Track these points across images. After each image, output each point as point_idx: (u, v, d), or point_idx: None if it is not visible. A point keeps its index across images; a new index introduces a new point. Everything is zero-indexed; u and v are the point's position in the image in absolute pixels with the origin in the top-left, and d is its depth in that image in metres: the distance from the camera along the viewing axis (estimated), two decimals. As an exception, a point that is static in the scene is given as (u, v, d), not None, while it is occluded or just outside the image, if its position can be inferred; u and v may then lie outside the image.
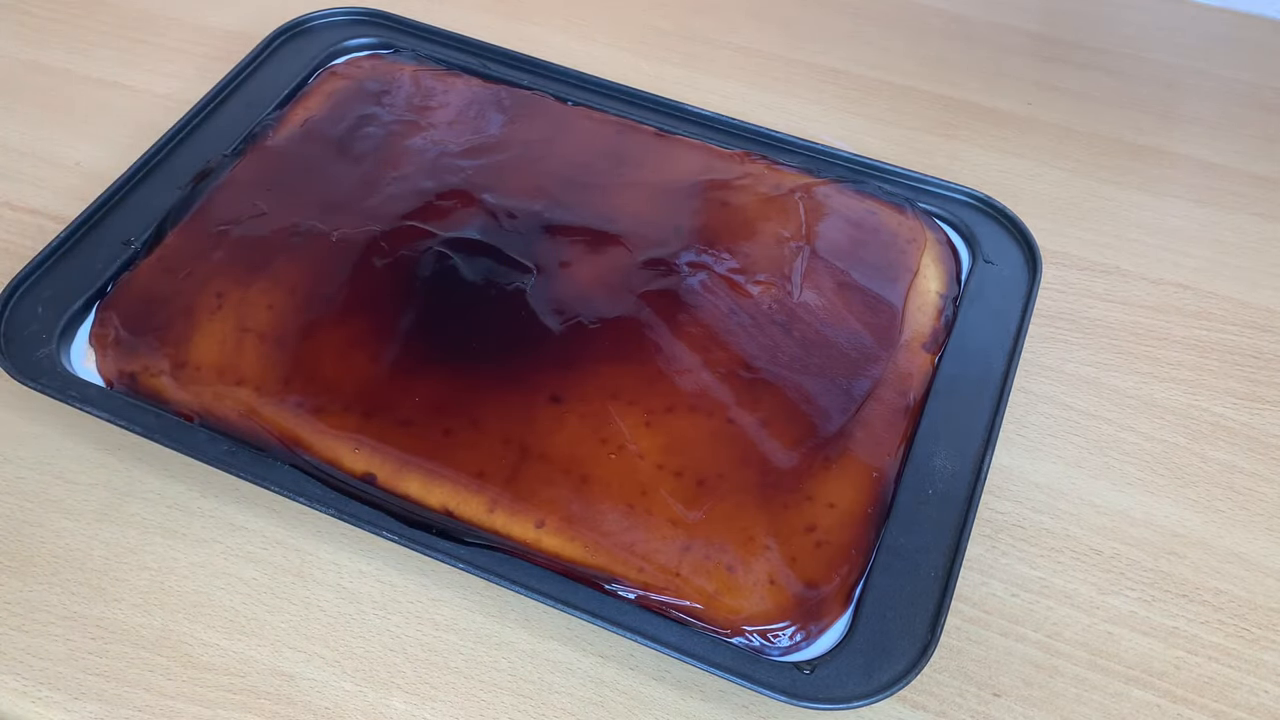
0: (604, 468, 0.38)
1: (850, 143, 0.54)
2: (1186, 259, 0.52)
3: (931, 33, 0.63)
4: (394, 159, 0.48)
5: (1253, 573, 0.41)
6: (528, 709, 0.36)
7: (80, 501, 0.40)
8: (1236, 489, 0.43)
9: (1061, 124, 0.58)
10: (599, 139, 0.50)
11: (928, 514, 0.38)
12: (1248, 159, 0.57)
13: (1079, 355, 0.48)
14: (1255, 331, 0.49)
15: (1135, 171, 0.56)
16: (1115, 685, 0.38)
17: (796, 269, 0.45)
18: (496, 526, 0.37)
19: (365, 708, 0.36)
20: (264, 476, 0.38)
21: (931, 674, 0.38)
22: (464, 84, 0.52)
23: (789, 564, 0.37)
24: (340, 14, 0.55)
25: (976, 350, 0.43)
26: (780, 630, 0.36)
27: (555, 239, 0.45)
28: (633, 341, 0.42)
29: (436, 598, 0.39)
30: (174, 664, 0.37)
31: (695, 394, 0.40)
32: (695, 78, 0.59)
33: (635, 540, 0.37)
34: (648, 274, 0.44)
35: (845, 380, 0.42)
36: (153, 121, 0.53)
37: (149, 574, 0.39)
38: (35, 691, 0.36)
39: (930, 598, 0.36)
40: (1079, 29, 0.64)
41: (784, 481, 0.38)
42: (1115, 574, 0.41)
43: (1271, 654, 0.39)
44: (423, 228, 0.45)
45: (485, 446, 0.39)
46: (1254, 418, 0.46)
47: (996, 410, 0.41)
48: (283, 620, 0.38)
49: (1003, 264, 0.46)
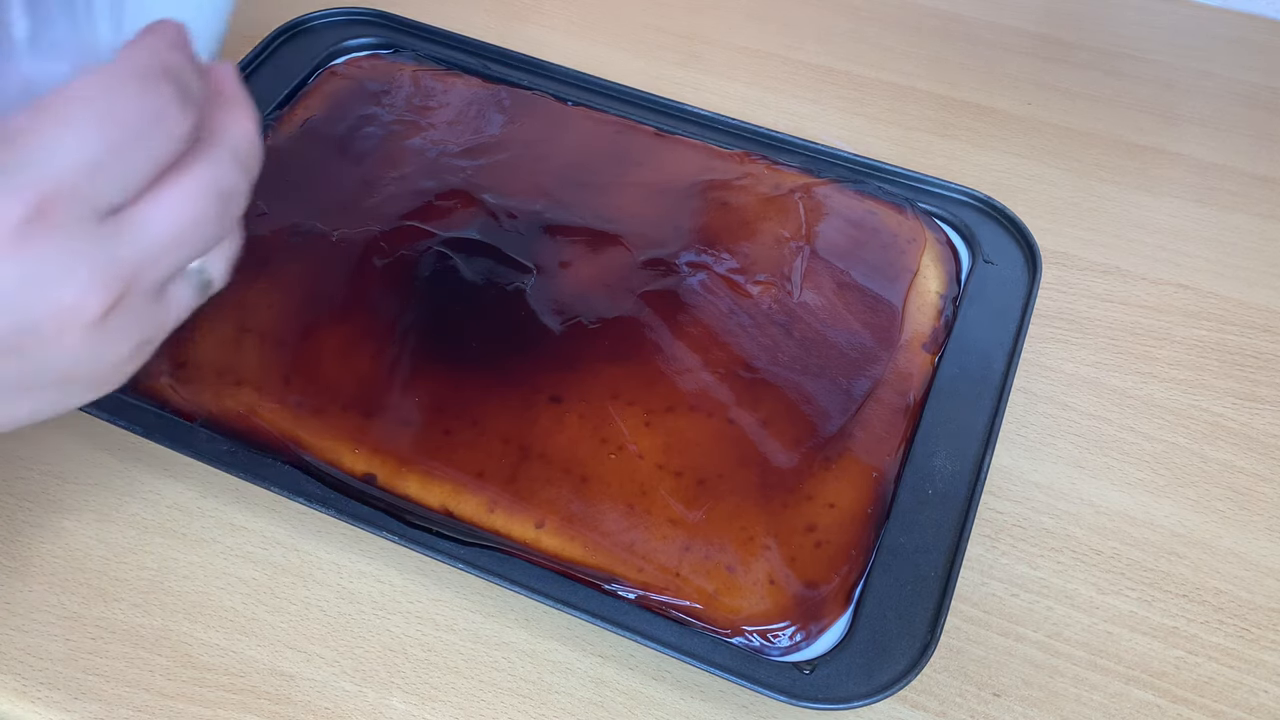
0: (604, 468, 0.38)
1: (850, 143, 0.54)
2: (1186, 259, 0.52)
3: (931, 33, 0.63)
4: (394, 159, 0.48)
5: (1253, 573, 0.41)
6: (528, 709, 0.36)
7: (80, 501, 0.40)
8: (1236, 489, 0.43)
9: (1061, 124, 0.58)
10: (599, 139, 0.50)
11: (928, 514, 0.38)
12: (1248, 159, 0.57)
13: (1079, 355, 0.48)
14: (1255, 331, 0.49)
15: (1135, 171, 0.56)
16: (1115, 685, 0.38)
17: (796, 269, 0.45)
18: (496, 526, 0.37)
19: (365, 708, 0.36)
20: (264, 476, 0.38)
21: (931, 674, 0.38)
22: (464, 84, 0.52)
23: (789, 564, 0.37)
24: (340, 14, 0.55)
25: (976, 350, 0.43)
26: (780, 630, 0.36)
27: (555, 239, 0.45)
28: (633, 341, 0.42)
29: (436, 598, 0.39)
30: (174, 664, 0.37)
31: (695, 394, 0.40)
32: (695, 78, 0.59)
33: (635, 540, 0.37)
34: (648, 274, 0.44)
35: (845, 380, 0.42)
36: (153, 121, 0.53)
37: (149, 574, 0.39)
38: (35, 691, 0.36)
39: (930, 598, 0.36)
40: (1079, 29, 0.64)
41: (784, 481, 0.38)
42: (1115, 574, 0.41)
43: (1271, 654, 0.39)
44: (423, 228, 0.45)
45: (485, 446, 0.39)
46: (1254, 418, 0.46)
47: (996, 410, 0.41)
48: (283, 620, 0.38)
49: (1003, 264, 0.46)
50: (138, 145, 0.25)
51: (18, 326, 0.25)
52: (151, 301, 0.27)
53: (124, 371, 0.28)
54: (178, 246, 0.27)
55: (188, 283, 0.29)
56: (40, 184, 0.24)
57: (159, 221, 0.26)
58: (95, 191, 0.25)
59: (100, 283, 0.25)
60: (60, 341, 0.25)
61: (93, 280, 0.25)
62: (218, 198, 0.27)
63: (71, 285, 0.25)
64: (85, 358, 0.26)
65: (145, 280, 0.26)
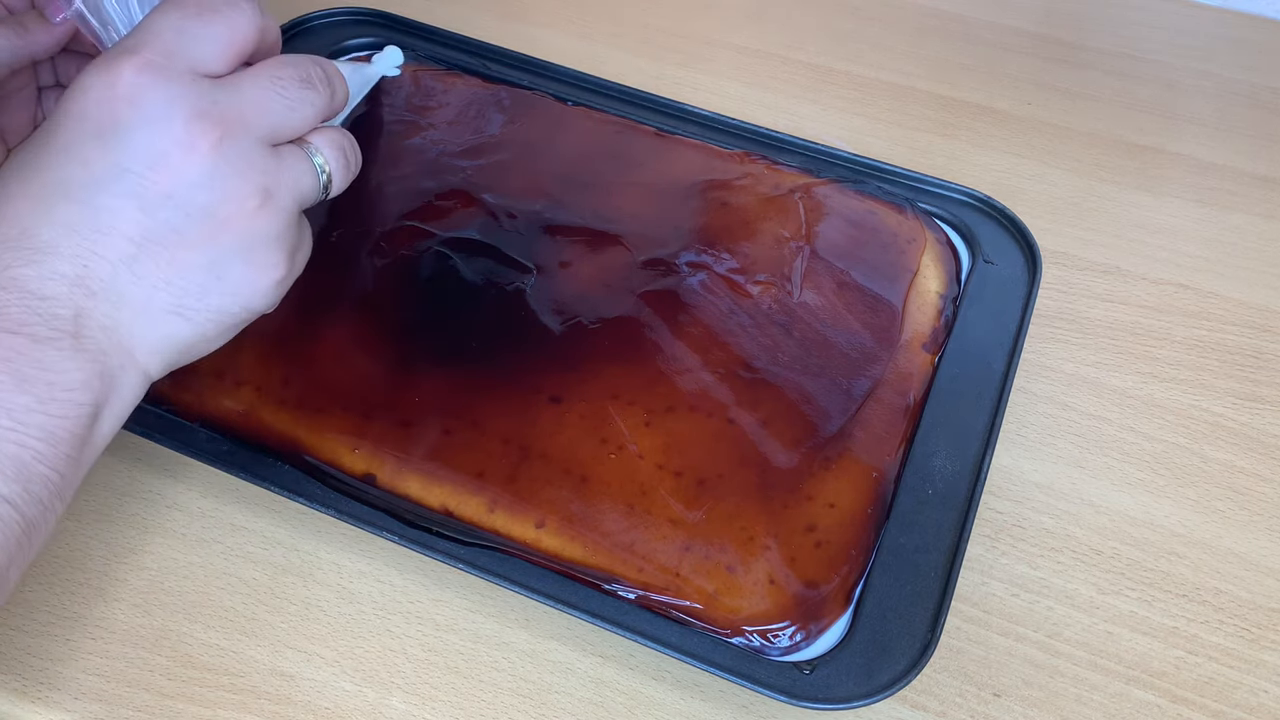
0: (604, 468, 0.38)
1: (850, 143, 0.54)
2: (1186, 259, 0.52)
3: (931, 33, 0.63)
4: (394, 159, 0.48)
5: (1253, 573, 0.41)
6: (528, 709, 0.36)
7: (80, 501, 0.40)
8: (1236, 489, 0.43)
9: (1061, 124, 0.58)
10: (599, 139, 0.50)
11: (928, 514, 0.38)
12: (1248, 159, 0.57)
13: (1079, 355, 0.48)
14: (1255, 331, 0.49)
15: (1135, 171, 0.56)
16: (1115, 685, 0.38)
17: (796, 269, 0.45)
18: (496, 526, 0.37)
19: (365, 708, 0.36)
20: (264, 476, 0.38)
21: (931, 674, 0.38)
22: (464, 84, 0.52)
23: (789, 564, 0.37)
24: (340, 14, 0.55)
25: (976, 350, 0.43)
26: (780, 630, 0.36)
27: (555, 239, 0.45)
28: (633, 342, 0.42)
29: (436, 598, 0.39)
30: (174, 664, 0.37)
31: (695, 394, 0.40)
32: (695, 78, 0.59)
33: (635, 540, 0.37)
34: (648, 274, 0.44)
35: (845, 380, 0.42)
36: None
37: (149, 574, 0.39)
38: (35, 691, 0.36)
39: (930, 598, 0.36)
40: (1079, 29, 0.64)
41: (784, 481, 0.38)
42: (1115, 574, 0.41)
43: (1271, 654, 0.39)
44: (423, 228, 0.45)
45: (485, 446, 0.39)
46: (1254, 418, 0.46)
47: (996, 410, 0.41)
48: (283, 620, 0.38)
49: (1003, 264, 0.46)
50: (218, 18, 0.32)
51: (149, 155, 0.30)
52: (262, 148, 0.32)
53: (262, 228, 0.32)
54: (267, 100, 0.32)
55: (304, 154, 0.34)
56: (140, 47, 0.31)
57: (246, 82, 0.32)
58: (184, 48, 0.31)
59: (198, 114, 0.31)
60: (188, 163, 0.30)
61: (192, 114, 0.30)
62: (296, 74, 0.33)
63: (178, 119, 0.30)
64: (217, 187, 0.31)
65: (248, 125, 0.32)
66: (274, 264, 0.33)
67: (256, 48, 0.33)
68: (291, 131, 0.33)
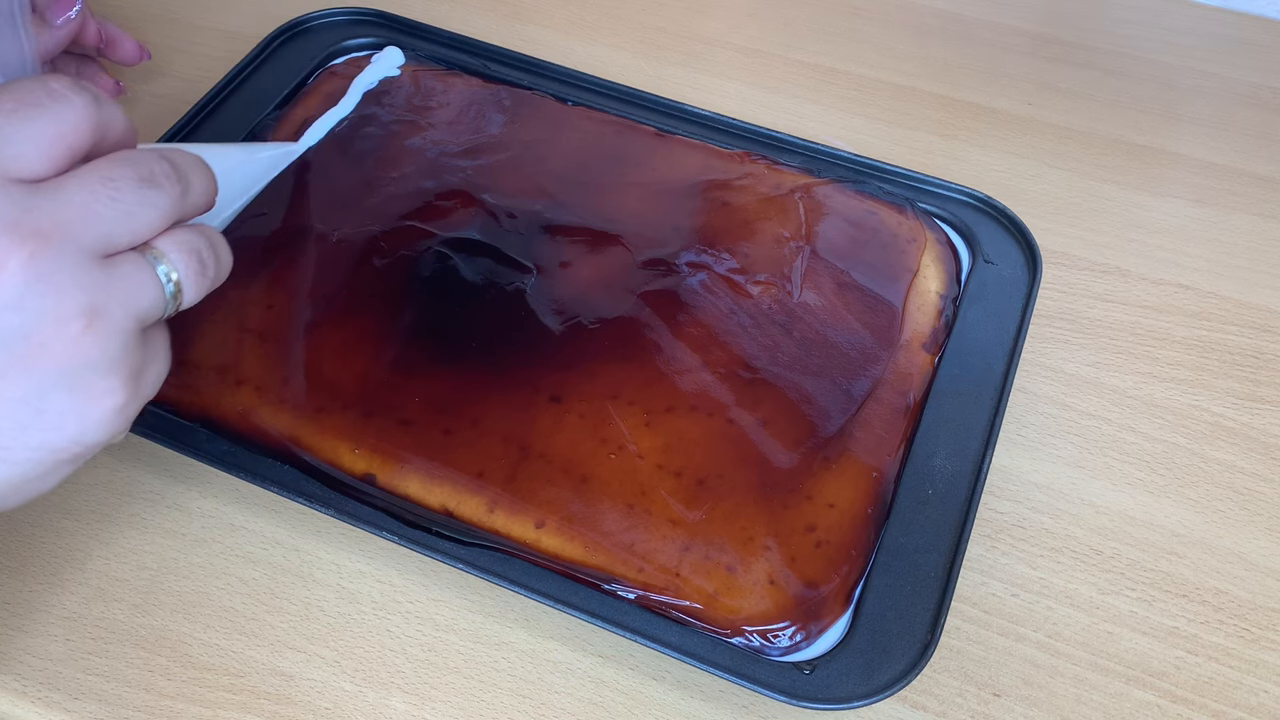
0: (604, 468, 0.38)
1: (850, 143, 0.54)
2: (1186, 259, 0.52)
3: (931, 33, 0.63)
4: (394, 159, 0.48)
5: (1253, 573, 0.41)
6: (528, 709, 0.36)
7: (80, 501, 0.40)
8: (1237, 489, 0.43)
9: (1061, 124, 0.58)
10: (599, 139, 0.50)
11: (928, 514, 0.38)
12: (1248, 159, 0.57)
13: (1079, 355, 0.48)
14: (1255, 331, 0.49)
15: (1135, 171, 0.56)
16: (1115, 685, 0.38)
17: (796, 269, 0.45)
18: (496, 526, 0.37)
19: (365, 708, 0.36)
20: (264, 476, 0.38)
21: (931, 674, 0.38)
22: (464, 84, 0.52)
23: (789, 564, 0.37)
24: (340, 14, 0.55)
25: (976, 350, 0.43)
26: (780, 630, 0.36)
27: (555, 239, 0.45)
28: (633, 341, 0.42)
29: (436, 598, 0.39)
30: (174, 664, 0.37)
31: (695, 394, 0.40)
32: (695, 78, 0.59)
33: (635, 540, 0.37)
34: (648, 274, 0.44)
35: (845, 380, 0.42)
36: (153, 122, 0.53)
37: (149, 574, 0.39)
38: (35, 691, 0.36)
39: (930, 598, 0.36)
40: (1079, 29, 0.64)
41: (784, 481, 0.38)
42: (1115, 574, 0.41)
43: (1271, 654, 0.39)
44: (423, 228, 0.45)
45: (485, 446, 0.39)
46: (1254, 418, 0.46)
47: (996, 410, 0.41)
48: (283, 620, 0.38)
49: (1003, 264, 0.46)
50: (39, 113, 0.28)
51: None
52: (89, 261, 0.28)
53: (89, 352, 0.28)
54: (95, 205, 0.28)
55: (145, 262, 0.29)
56: None
57: (71, 185, 0.28)
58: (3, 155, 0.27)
59: (8, 225, 0.26)
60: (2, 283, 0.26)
61: (5, 227, 0.26)
62: (134, 173, 0.29)
63: None
64: (31, 307, 0.27)
65: (69, 235, 0.27)
66: (108, 390, 0.28)
67: (95, 144, 0.29)
68: (129, 238, 0.29)
